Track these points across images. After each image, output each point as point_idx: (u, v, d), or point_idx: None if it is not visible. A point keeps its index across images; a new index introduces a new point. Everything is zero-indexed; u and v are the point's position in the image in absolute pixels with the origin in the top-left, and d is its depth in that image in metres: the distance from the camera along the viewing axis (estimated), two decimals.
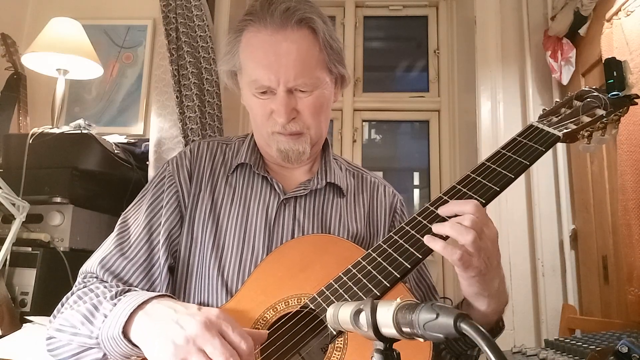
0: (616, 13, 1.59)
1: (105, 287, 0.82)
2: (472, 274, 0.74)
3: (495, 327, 0.84)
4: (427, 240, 0.74)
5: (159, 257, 0.90)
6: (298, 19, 0.89)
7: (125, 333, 0.72)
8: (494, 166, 0.83)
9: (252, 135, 1.03)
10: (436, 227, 0.76)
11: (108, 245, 0.91)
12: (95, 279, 0.87)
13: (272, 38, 0.88)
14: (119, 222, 0.95)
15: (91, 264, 0.89)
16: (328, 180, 1.00)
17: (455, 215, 0.76)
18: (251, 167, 0.99)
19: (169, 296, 0.78)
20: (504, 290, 0.81)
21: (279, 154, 0.94)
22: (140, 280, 0.88)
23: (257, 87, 0.90)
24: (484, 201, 0.79)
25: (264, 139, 0.96)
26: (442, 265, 2.47)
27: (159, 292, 0.87)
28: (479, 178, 0.82)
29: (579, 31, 1.87)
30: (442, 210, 0.78)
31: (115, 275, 0.87)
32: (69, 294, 0.86)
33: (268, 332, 0.75)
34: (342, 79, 1.01)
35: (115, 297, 0.77)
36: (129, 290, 0.81)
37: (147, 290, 0.88)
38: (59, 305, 0.85)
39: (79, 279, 0.89)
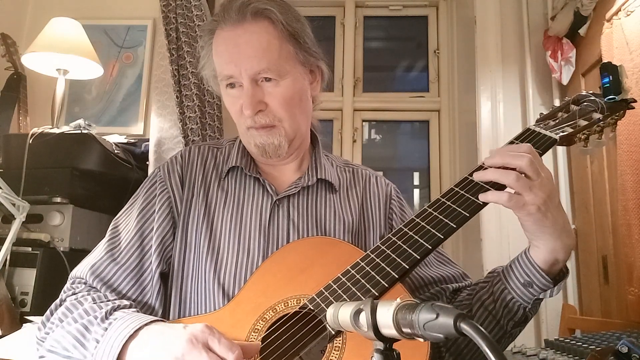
0: (616, 13, 1.59)
1: (93, 299, 0.82)
2: (532, 211, 0.76)
3: (561, 269, 0.84)
4: (481, 196, 0.78)
5: (150, 262, 0.90)
6: (253, 11, 0.90)
7: None
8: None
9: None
10: (477, 175, 0.81)
11: (99, 251, 0.91)
12: (83, 285, 0.87)
13: (232, 33, 0.90)
14: (110, 228, 0.95)
15: (81, 270, 0.89)
16: (319, 177, 0.99)
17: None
18: (243, 169, 0.98)
19: (159, 320, 0.78)
20: (570, 229, 0.81)
21: (257, 149, 0.94)
22: (130, 286, 0.88)
23: (222, 79, 0.92)
24: (481, 202, 0.79)
25: (243, 136, 0.97)
26: None
27: (149, 299, 0.88)
28: (476, 180, 0.82)
29: (579, 31, 1.87)
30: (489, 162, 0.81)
31: (105, 282, 0.86)
32: (58, 300, 0.86)
33: (261, 343, 0.75)
34: (320, 71, 1.01)
35: (106, 319, 0.77)
36: (117, 307, 0.81)
37: (137, 296, 0.88)
38: (48, 312, 0.85)
39: (67, 285, 0.89)
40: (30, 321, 1.43)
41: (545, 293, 0.83)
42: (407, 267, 0.76)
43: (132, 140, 2.08)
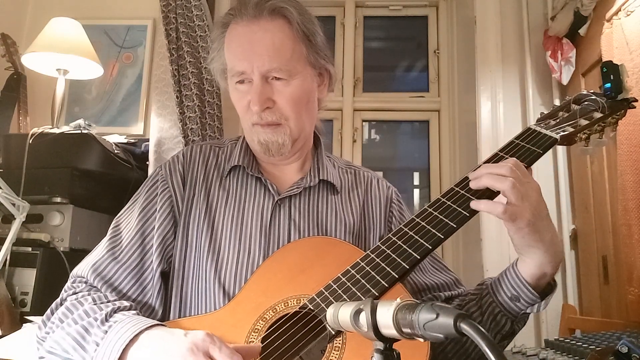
0: (616, 13, 1.59)
1: (94, 300, 0.82)
2: (521, 225, 0.76)
3: (549, 283, 0.83)
4: (473, 204, 0.77)
5: (151, 261, 0.90)
6: (270, 9, 0.90)
7: None
8: None
9: (245, 136, 1.03)
10: (473, 183, 0.79)
11: (100, 250, 0.91)
12: (84, 285, 0.87)
13: (247, 29, 0.90)
14: (111, 227, 0.95)
15: (82, 269, 0.89)
16: (321, 178, 1.00)
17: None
18: (244, 168, 0.98)
19: (159, 325, 0.78)
20: (558, 243, 0.81)
21: (260, 146, 0.94)
22: (131, 285, 0.88)
23: (233, 75, 0.92)
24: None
25: (247, 133, 0.97)
26: None
27: (149, 298, 0.88)
28: (473, 188, 0.82)
29: (579, 31, 1.87)
30: (476, 173, 0.80)
31: (106, 281, 0.86)
32: (59, 300, 0.86)
33: (261, 344, 0.75)
34: (328, 74, 1.00)
35: (106, 321, 0.77)
36: (117, 309, 0.80)
37: (138, 296, 0.88)
38: (48, 311, 0.84)
39: (68, 283, 0.89)
40: (30, 321, 1.43)
41: (532, 307, 0.83)
42: (407, 267, 0.76)
43: (132, 140, 2.08)
